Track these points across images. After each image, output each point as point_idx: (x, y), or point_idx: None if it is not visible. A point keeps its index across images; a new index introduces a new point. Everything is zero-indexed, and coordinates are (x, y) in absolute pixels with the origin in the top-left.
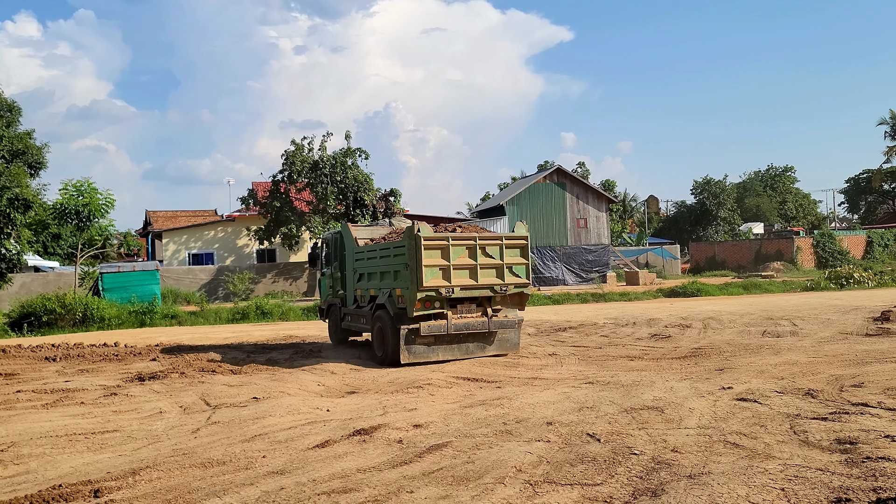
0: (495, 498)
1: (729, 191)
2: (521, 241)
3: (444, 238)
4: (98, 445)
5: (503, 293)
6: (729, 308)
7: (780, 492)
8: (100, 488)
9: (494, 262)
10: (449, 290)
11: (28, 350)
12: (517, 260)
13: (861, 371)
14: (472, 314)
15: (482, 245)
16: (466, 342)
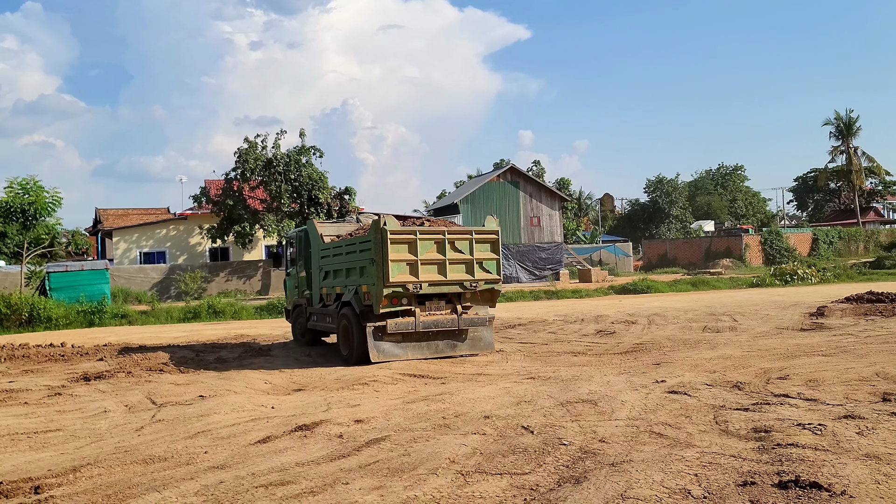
0: (427, 487)
1: (681, 189)
2: (492, 235)
3: (411, 232)
4: (40, 444)
5: (473, 289)
6: (675, 304)
7: (693, 477)
8: (40, 485)
9: (464, 258)
10: (416, 285)
11: None
12: (487, 255)
13: (788, 364)
14: (441, 311)
15: (451, 239)
16: (436, 340)
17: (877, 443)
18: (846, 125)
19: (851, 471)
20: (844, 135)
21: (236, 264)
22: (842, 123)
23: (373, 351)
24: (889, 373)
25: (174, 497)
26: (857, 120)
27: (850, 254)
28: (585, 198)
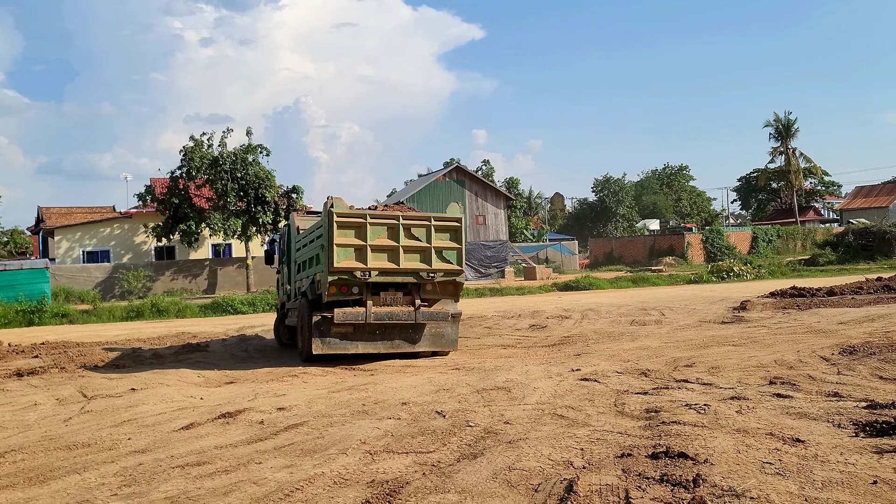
0: (335, 465)
1: (627, 189)
2: (453, 223)
3: (360, 215)
4: None
5: (430, 280)
6: (611, 300)
7: (579, 451)
8: None
9: (420, 246)
10: (365, 272)
11: None
12: (448, 244)
13: (698, 353)
14: (397, 303)
15: (406, 225)
16: (391, 335)
17: (751, 420)
18: (785, 127)
19: (719, 443)
20: (783, 136)
21: (182, 263)
22: (781, 125)
23: (316, 343)
24: (786, 360)
25: (93, 478)
26: (795, 122)
27: (789, 251)
28: (536, 197)
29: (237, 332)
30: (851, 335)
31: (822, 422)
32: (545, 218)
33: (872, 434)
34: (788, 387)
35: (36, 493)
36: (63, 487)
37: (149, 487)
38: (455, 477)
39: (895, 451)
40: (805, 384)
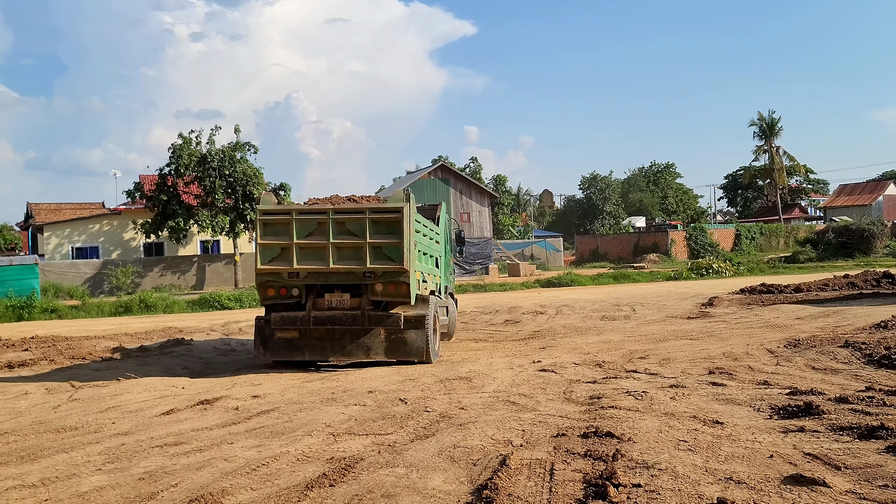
0: (300, 445)
1: (614, 186)
2: (393, 215)
3: (286, 211)
4: None
5: (368, 280)
6: (588, 297)
7: (520, 431)
8: None
9: (354, 242)
10: (293, 273)
11: None
12: (387, 239)
13: (655, 346)
14: (343, 306)
15: (339, 220)
16: (342, 342)
17: (682, 405)
18: (769, 126)
19: (645, 424)
20: (767, 135)
21: (170, 259)
22: (765, 124)
23: (258, 348)
24: (734, 352)
25: (80, 456)
26: (779, 121)
27: (771, 249)
28: (524, 193)
29: (222, 328)
30: (804, 329)
31: (746, 406)
32: (533, 215)
33: (784, 416)
34: (725, 376)
35: (27, 469)
36: (52, 464)
37: (130, 464)
38: (405, 454)
39: (799, 430)
40: (742, 374)
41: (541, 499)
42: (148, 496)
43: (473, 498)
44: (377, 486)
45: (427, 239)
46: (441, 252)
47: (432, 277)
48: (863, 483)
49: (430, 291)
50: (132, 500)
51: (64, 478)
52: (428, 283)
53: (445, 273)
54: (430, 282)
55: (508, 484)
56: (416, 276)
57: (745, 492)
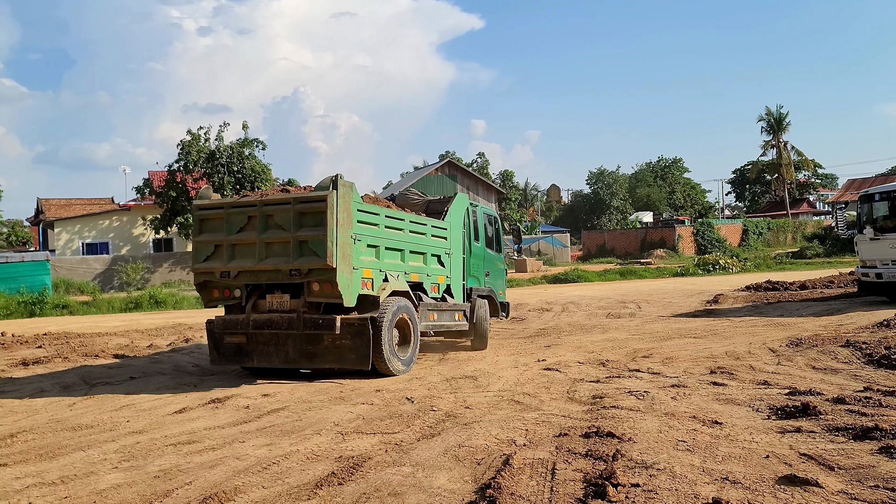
0: (309, 444)
1: (622, 181)
2: (317, 204)
3: (219, 206)
4: None
5: (295, 277)
6: (595, 293)
7: (524, 431)
8: None
9: (283, 237)
10: (225, 273)
11: None
12: (312, 233)
13: (659, 345)
14: (283, 308)
15: (267, 213)
16: (285, 348)
17: (682, 405)
18: (777, 120)
19: (646, 424)
20: (775, 130)
21: (180, 255)
22: (773, 119)
23: (212, 353)
24: (736, 351)
25: (97, 454)
26: (786, 116)
27: (779, 244)
28: (532, 188)
29: None
30: (807, 328)
31: (745, 407)
32: (540, 210)
33: (782, 417)
34: (727, 376)
35: (46, 466)
36: (69, 462)
37: (145, 462)
38: (412, 453)
39: (796, 430)
40: (743, 374)
41: (542, 498)
42: (163, 494)
43: (477, 497)
44: (384, 484)
45: (401, 233)
46: (449, 249)
47: (424, 277)
48: (855, 483)
49: (394, 292)
50: (148, 498)
51: (82, 475)
52: (393, 282)
53: (470, 272)
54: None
55: (511, 483)
56: (366, 273)
57: (740, 492)
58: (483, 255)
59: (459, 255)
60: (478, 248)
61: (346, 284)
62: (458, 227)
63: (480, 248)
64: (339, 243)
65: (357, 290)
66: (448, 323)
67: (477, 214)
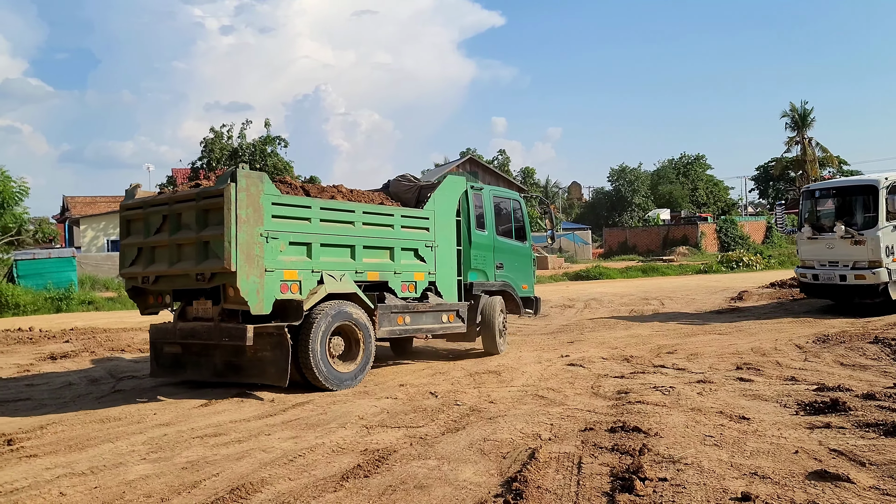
0: (334, 437)
1: (643, 178)
2: (215, 200)
3: (139, 205)
4: (11, 411)
5: (200, 282)
6: (616, 290)
7: (549, 425)
8: (12, 439)
9: (191, 237)
10: (145, 278)
11: None
12: (213, 232)
13: (683, 341)
14: (206, 316)
15: (177, 211)
16: (213, 359)
17: (709, 401)
18: (801, 116)
19: (672, 419)
20: (799, 126)
21: None
22: (797, 115)
23: (151, 363)
24: (762, 347)
25: (125, 446)
26: (811, 112)
27: None
28: (553, 186)
29: None
30: (833, 325)
31: (772, 402)
32: (561, 207)
33: (811, 413)
34: (753, 372)
35: (76, 457)
36: (98, 453)
37: (172, 454)
38: (437, 446)
39: (825, 426)
40: (770, 370)
41: (569, 492)
42: (191, 485)
43: (503, 490)
44: (410, 477)
45: (349, 227)
46: (432, 241)
47: (390, 275)
48: (887, 479)
49: (331, 295)
50: (177, 489)
51: (111, 466)
52: (331, 284)
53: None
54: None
55: (537, 477)
56: (287, 275)
57: (769, 487)
58: (492, 245)
59: (451, 246)
60: (482, 238)
61: (254, 289)
62: (448, 215)
63: (487, 237)
64: (239, 243)
65: (273, 296)
66: (430, 326)
67: (483, 199)
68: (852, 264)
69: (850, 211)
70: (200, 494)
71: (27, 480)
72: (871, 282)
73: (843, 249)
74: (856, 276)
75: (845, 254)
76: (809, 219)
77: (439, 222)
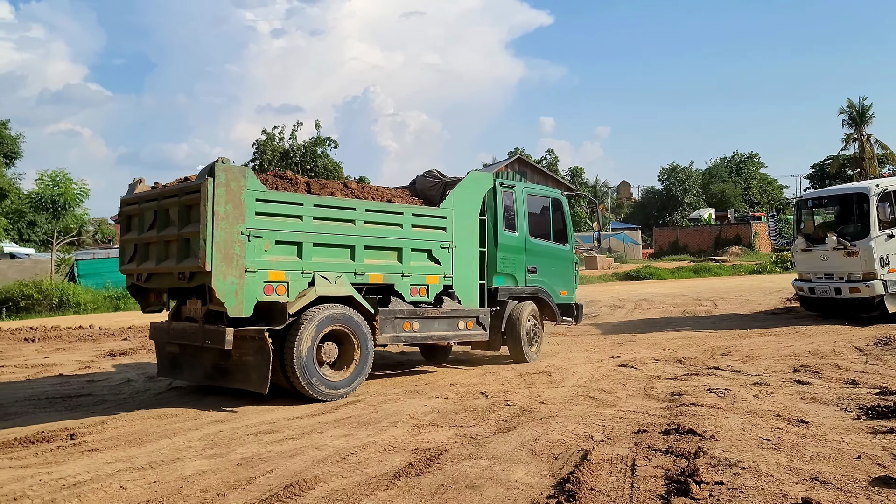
0: (386, 436)
1: (694, 177)
2: (193, 196)
3: (136, 200)
4: (73, 406)
5: (182, 282)
6: (668, 290)
7: (601, 427)
8: (75, 433)
9: (173, 235)
10: (139, 275)
11: (7, 332)
12: (192, 230)
13: (738, 343)
14: (197, 316)
15: (164, 207)
16: (204, 362)
17: (765, 403)
18: (859, 113)
19: (728, 422)
20: (857, 122)
21: None
22: (855, 111)
23: (157, 363)
24: (820, 350)
25: (182, 442)
26: (870, 108)
27: None
28: (601, 185)
29: None
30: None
31: (832, 406)
32: (610, 207)
33: (874, 417)
34: (811, 374)
35: (135, 452)
36: (157, 448)
37: (227, 450)
38: (488, 446)
39: (889, 431)
40: (828, 372)
41: (623, 494)
42: (246, 481)
43: (556, 491)
44: (461, 476)
45: (348, 225)
46: (449, 241)
47: (397, 277)
48: None
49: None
50: (232, 485)
51: (169, 461)
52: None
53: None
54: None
55: (590, 478)
56: (273, 276)
57: (830, 492)
58: (523, 247)
59: (471, 247)
60: (512, 239)
61: (232, 290)
62: (469, 214)
63: (518, 238)
64: (216, 241)
65: (255, 297)
66: (443, 333)
67: (515, 196)
68: (847, 277)
69: (843, 220)
70: (255, 490)
71: (89, 474)
72: (866, 295)
73: (836, 261)
74: (850, 290)
75: (839, 266)
76: (804, 230)
77: (458, 221)
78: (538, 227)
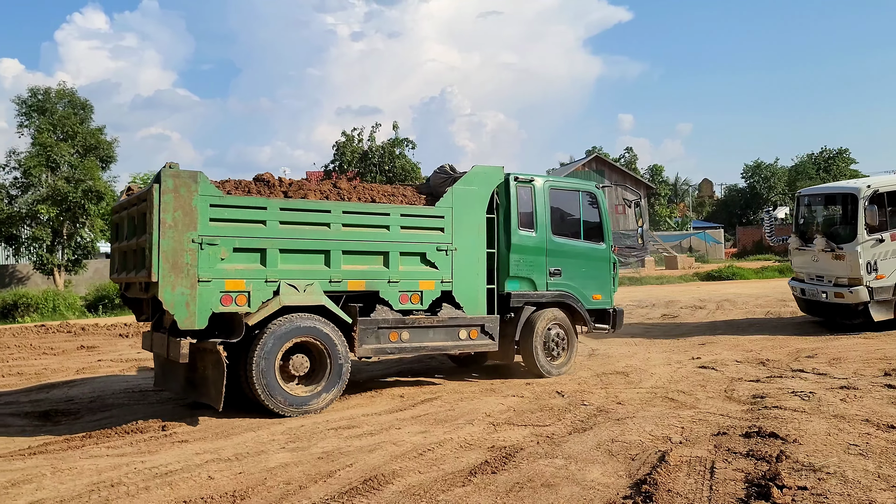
0: (462, 433)
1: (780, 174)
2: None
3: (118, 208)
4: (164, 399)
5: (142, 293)
6: (751, 291)
7: (679, 428)
8: (166, 425)
9: (131, 244)
10: (120, 284)
11: (104, 329)
12: (142, 239)
13: (824, 345)
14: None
15: (131, 215)
16: (179, 373)
17: (853, 408)
18: None
19: (813, 426)
20: None
21: None
22: None
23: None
24: None
25: (265, 435)
26: None
27: None
28: (682, 183)
29: None
30: None
31: None
32: (691, 205)
33: None
34: None
35: (222, 444)
36: (242, 441)
37: (309, 444)
38: (564, 446)
39: None
40: None
41: (701, 496)
42: (327, 474)
43: (632, 492)
44: (537, 475)
45: (322, 229)
46: (448, 243)
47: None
48: None
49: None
50: (313, 477)
51: (253, 454)
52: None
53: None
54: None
55: (668, 480)
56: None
57: None
58: (543, 248)
59: (476, 249)
60: (528, 239)
61: (182, 301)
62: (473, 212)
63: (537, 238)
64: (163, 250)
65: (209, 308)
66: (440, 343)
67: (534, 191)
68: (834, 280)
69: (836, 220)
70: (336, 483)
71: (179, 464)
72: (849, 301)
73: (825, 263)
74: (835, 294)
75: (828, 269)
76: (801, 227)
77: (459, 221)
78: (565, 225)
